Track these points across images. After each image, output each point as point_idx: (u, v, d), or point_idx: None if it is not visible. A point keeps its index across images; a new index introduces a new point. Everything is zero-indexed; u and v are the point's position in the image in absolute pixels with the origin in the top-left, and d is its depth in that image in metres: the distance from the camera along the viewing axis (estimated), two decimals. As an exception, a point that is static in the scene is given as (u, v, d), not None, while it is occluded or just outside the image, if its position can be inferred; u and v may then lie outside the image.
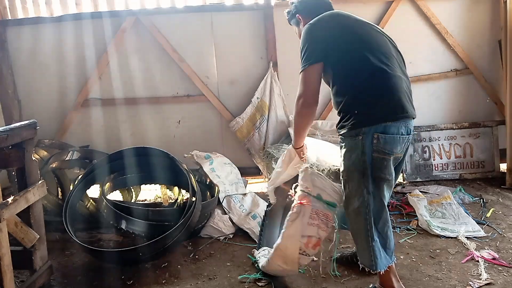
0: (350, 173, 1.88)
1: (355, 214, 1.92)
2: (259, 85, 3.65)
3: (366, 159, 1.81)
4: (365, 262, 1.96)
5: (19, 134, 1.99)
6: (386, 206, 1.92)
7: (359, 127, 1.81)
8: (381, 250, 1.91)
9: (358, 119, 1.81)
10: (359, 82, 1.83)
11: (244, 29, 3.70)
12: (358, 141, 1.82)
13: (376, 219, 1.89)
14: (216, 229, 2.89)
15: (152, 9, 3.72)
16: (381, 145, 1.79)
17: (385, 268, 1.92)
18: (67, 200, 2.72)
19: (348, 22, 1.97)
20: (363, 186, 1.85)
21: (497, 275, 2.22)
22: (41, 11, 3.81)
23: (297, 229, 2.07)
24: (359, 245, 1.99)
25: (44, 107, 3.89)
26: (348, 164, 1.88)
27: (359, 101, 1.84)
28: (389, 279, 1.98)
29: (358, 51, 1.85)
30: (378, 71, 1.82)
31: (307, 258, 2.07)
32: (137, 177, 3.21)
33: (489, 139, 3.74)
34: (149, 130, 3.88)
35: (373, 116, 1.80)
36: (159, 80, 3.81)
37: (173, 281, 2.36)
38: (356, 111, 1.82)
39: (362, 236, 1.92)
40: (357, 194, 1.87)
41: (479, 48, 3.75)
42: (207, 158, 3.38)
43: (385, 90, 1.82)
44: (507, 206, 3.13)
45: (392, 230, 1.98)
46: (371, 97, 1.82)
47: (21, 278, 2.33)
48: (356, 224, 1.94)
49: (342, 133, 1.91)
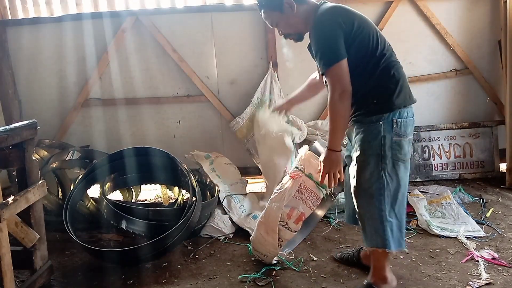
0: (368, 157, 1.92)
1: (371, 196, 1.94)
2: (259, 85, 3.65)
3: (386, 142, 1.89)
4: (377, 243, 1.96)
5: (20, 134, 1.99)
6: (403, 188, 1.96)
7: (380, 113, 1.89)
8: (393, 231, 1.95)
9: (378, 107, 1.90)
10: (377, 73, 1.89)
11: (244, 29, 3.70)
12: (378, 126, 1.89)
13: (393, 200, 1.94)
14: (216, 229, 2.89)
15: (152, 9, 3.72)
16: (399, 129, 1.90)
17: (397, 249, 1.96)
18: (67, 200, 2.72)
19: (358, 15, 1.94)
20: (381, 168, 1.90)
21: (497, 275, 2.22)
22: (41, 11, 3.81)
23: (283, 198, 2.15)
24: (370, 227, 1.97)
25: (44, 107, 3.90)
26: (367, 148, 1.93)
27: (377, 91, 1.90)
28: (383, 268, 2.06)
29: (372, 43, 1.89)
30: (392, 62, 1.92)
31: (288, 232, 2.09)
32: (137, 177, 3.22)
33: (488, 139, 3.74)
34: (149, 130, 3.89)
35: (392, 104, 1.89)
36: (159, 80, 3.81)
37: (173, 281, 2.37)
38: (374, 100, 1.90)
39: (375, 217, 1.94)
40: (376, 177, 1.92)
41: (479, 48, 3.75)
42: (207, 158, 3.38)
43: (401, 79, 1.93)
44: (507, 206, 3.14)
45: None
46: (389, 86, 1.90)
47: (21, 278, 2.33)
48: (371, 206, 1.95)
49: (359, 120, 1.95)
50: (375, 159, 1.91)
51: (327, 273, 2.35)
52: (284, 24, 2.02)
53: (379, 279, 2.07)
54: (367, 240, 2.01)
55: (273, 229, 2.15)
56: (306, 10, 1.97)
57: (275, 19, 2.03)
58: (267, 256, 2.36)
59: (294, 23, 2.01)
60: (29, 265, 2.13)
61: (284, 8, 1.96)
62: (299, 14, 1.97)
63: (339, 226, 2.95)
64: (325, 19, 1.88)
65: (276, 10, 1.99)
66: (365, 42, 1.88)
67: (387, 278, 2.08)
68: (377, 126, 1.90)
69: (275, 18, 2.02)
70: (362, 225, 2.02)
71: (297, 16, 1.97)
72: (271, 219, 2.16)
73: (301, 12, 1.96)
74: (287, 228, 2.13)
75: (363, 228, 2.02)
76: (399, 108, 1.90)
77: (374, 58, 1.90)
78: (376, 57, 1.90)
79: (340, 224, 2.97)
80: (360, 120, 1.95)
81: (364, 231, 2.02)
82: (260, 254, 2.39)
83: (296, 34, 2.07)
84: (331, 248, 2.64)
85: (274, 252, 2.30)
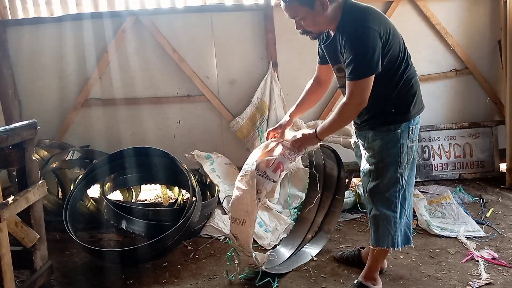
0: (387, 164, 1.94)
1: (387, 200, 1.98)
2: (259, 85, 3.65)
3: (404, 149, 1.93)
4: (387, 243, 2.01)
5: (20, 134, 1.99)
6: (410, 187, 2.06)
7: (399, 122, 1.91)
8: (402, 230, 2.03)
9: (397, 117, 1.91)
10: (400, 84, 1.89)
11: (244, 29, 3.70)
12: (397, 134, 1.92)
13: (403, 200, 2.00)
14: (216, 229, 2.90)
15: (152, 9, 3.72)
16: (413, 135, 1.96)
17: (404, 245, 2.05)
18: (67, 200, 2.73)
19: (390, 22, 1.85)
20: (398, 174, 1.94)
21: (497, 275, 2.22)
22: (41, 11, 3.80)
23: (261, 150, 2.12)
24: (384, 229, 2.00)
25: (44, 107, 3.90)
26: (385, 155, 1.94)
27: (397, 100, 1.91)
28: (377, 269, 2.13)
29: (401, 54, 1.86)
30: (412, 72, 1.94)
31: (269, 182, 1.99)
32: (137, 177, 3.22)
33: (488, 139, 3.74)
34: (149, 130, 3.89)
35: (409, 113, 1.92)
36: (159, 80, 3.81)
37: (173, 281, 2.37)
38: (393, 110, 1.91)
39: (389, 219, 1.98)
40: (394, 182, 1.95)
41: (479, 48, 3.75)
42: (207, 158, 3.38)
43: (418, 89, 1.97)
44: (507, 206, 3.14)
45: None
46: (408, 97, 1.92)
47: (21, 278, 2.33)
48: (387, 210, 1.98)
49: (376, 128, 1.96)
50: (394, 166, 1.94)
51: (327, 273, 2.36)
52: (310, 21, 1.82)
53: (370, 279, 2.11)
54: (377, 240, 2.03)
55: (252, 178, 2.00)
56: (335, 9, 1.79)
57: (300, 13, 1.80)
58: (246, 246, 2.12)
59: (320, 22, 1.82)
60: (29, 265, 2.13)
61: (315, 5, 1.76)
62: (328, 14, 1.78)
63: (339, 226, 2.95)
64: (367, 27, 1.72)
65: (305, 5, 1.76)
66: (395, 53, 1.83)
67: (377, 279, 2.13)
68: (396, 135, 1.91)
69: (300, 13, 1.80)
70: (375, 226, 2.03)
71: (326, 15, 1.78)
72: (250, 168, 2.04)
73: (330, 11, 1.78)
74: (266, 177, 2.00)
75: (375, 229, 2.03)
76: (414, 117, 1.94)
77: (400, 69, 1.87)
78: (402, 68, 1.88)
79: (340, 224, 2.97)
80: (377, 128, 1.95)
81: (376, 232, 2.03)
82: (240, 244, 2.14)
83: (317, 33, 1.91)
84: (331, 248, 2.64)
85: (253, 218, 2.06)
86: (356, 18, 1.76)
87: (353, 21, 1.77)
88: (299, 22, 1.84)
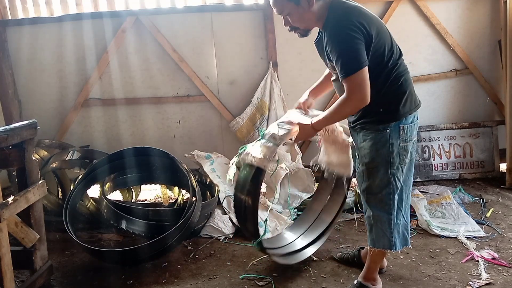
0: (377, 164, 1.93)
1: (380, 201, 1.96)
2: (259, 85, 3.65)
3: (394, 149, 1.90)
4: (384, 245, 2.00)
5: (19, 134, 1.99)
6: (408, 188, 2.01)
7: (387, 122, 1.88)
8: (400, 232, 2.01)
9: (385, 116, 1.89)
10: (388, 83, 1.86)
11: (244, 29, 3.70)
12: (386, 134, 1.89)
13: (400, 202, 1.98)
14: (216, 229, 2.90)
15: (152, 9, 3.72)
16: (406, 135, 1.90)
17: (402, 247, 2.03)
18: (67, 200, 2.72)
19: (375, 19, 1.85)
20: (390, 174, 1.92)
21: (497, 275, 2.22)
22: (41, 11, 3.81)
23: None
24: (379, 230, 2.00)
25: (44, 107, 3.90)
26: (375, 155, 1.93)
27: (385, 99, 1.87)
28: (376, 270, 2.12)
29: (387, 53, 1.83)
30: (402, 70, 1.89)
31: (283, 131, 2.04)
32: (137, 177, 3.22)
33: (489, 139, 3.74)
34: (149, 130, 3.89)
35: (399, 113, 1.88)
36: (159, 80, 3.81)
37: (173, 281, 2.37)
38: (381, 109, 1.88)
39: (384, 220, 1.97)
40: (386, 183, 1.93)
41: (479, 48, 3.75)
42: (207, 158, 3.38)
43: (409, 87, 1.91)
44: (507, 206, 3.13)
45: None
46: (397, 96, 1.88)
47: (21, 278, 2.34)
48: (380, 210, 1.97)
49: (366, 127, 1.94)
50: (385, 166, 1.92)
51: (327, 273, 2.36)
52: (296, 17, 1.85)
53: (369, 279, 2.11)
54: (373, 241, 2.03)
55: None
56: (322, 7, 1.82)
57: (286, 9, 1.84)
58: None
59: (306, 18, 1.84)
60: (29, 265, 2.13)
61: (301, 1, 1.80)
62: (314, 11, 1.81)
63: (339, 226, 2.95)
64: (348, 22, 1.73)
65: (291, 1, 1.80)
66: (380, 52, 1.81)
67: (377, 279, 2.13)
68: (384, 135, 1.89)
69: (286, 9, 1.84)
70: (370, 227, 2.03)
71: (312, 12, 1.82)
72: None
73: (316, 8, 1.81)
74: (281, 127, 2.08)
75: (370, 230, 2.04)
76: (405, 116, 1.89)
77: (387, 68, 1.85)
78: (388, 67, 1.85)
79: (340, 224, 2.97)
80: (367, 128, 1.94)
81: (371, 232, 2.03)
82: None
83: (304, 30, 1.92)
84: (331, 248, 2.64)
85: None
86: (338, 15, 1.79)
87: (335, 19, 1.79)
88: (286, 18, 1.89)
